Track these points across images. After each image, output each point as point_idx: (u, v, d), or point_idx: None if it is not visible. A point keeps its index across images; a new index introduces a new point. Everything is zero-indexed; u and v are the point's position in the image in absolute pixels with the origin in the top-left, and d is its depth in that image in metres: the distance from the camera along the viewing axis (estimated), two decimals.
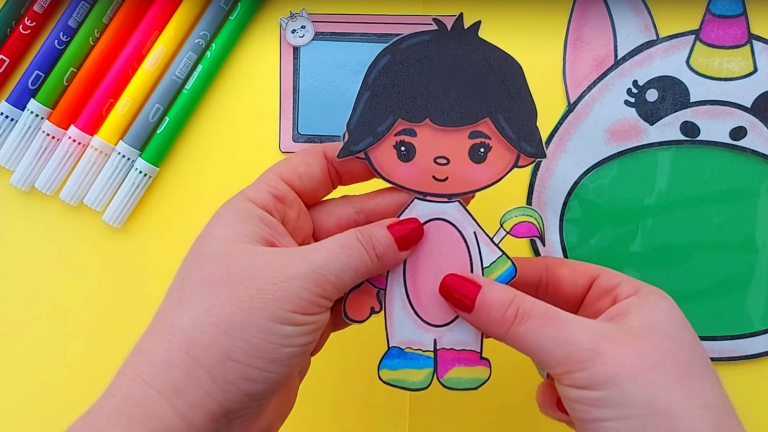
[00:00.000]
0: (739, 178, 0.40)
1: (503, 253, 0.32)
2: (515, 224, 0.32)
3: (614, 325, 0.28)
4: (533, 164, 0.31)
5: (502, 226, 0.32)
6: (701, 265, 0.41)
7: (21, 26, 0.42)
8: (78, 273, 0.43)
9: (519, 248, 0.42)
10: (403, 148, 0.31)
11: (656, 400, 0.25)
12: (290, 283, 0.26)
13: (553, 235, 0.41)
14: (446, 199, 0.31)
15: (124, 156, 0.42)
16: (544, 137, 0.42)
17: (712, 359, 0.41)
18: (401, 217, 0.31)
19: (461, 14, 0.30)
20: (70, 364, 0.43)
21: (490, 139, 0.31)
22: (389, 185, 0.32)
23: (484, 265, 0.32)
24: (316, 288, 0.27)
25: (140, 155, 0.42)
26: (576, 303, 0.32)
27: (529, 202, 0.41)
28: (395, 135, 0.31)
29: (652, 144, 0.40)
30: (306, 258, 0.27)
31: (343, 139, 0.31)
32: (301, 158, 0.31)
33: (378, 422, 0.42)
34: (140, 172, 0.41)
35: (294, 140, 0.42)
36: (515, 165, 0.31)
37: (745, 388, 0.41)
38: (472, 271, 0.32)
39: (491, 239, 0.32)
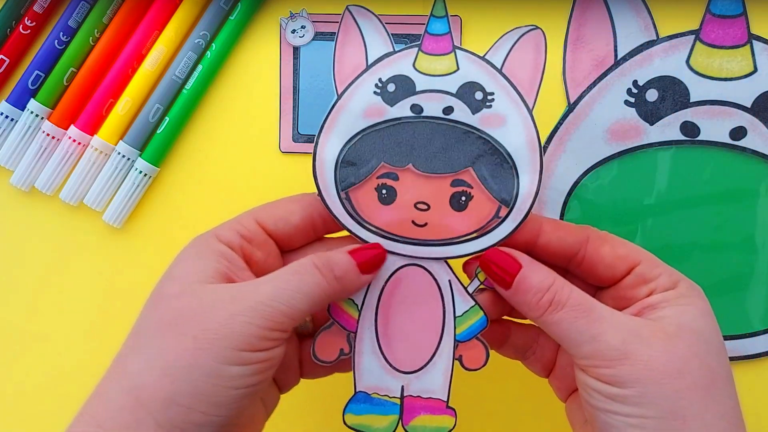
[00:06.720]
0: (739, 178, 0.40)
1: (476, 303, 0.32)
2: None
3: (647, 324, 0.27)
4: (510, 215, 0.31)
5: (476, 276, 0.32)
6: (701, 265, 0.41)
7: (21, 26, 0.42)
8: (78, 273, 0.43)
9: None
10: (384, 191, 0.31)
11: (676, 406, 0.25)
12: (235, 319, 0.26)
13: None
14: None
15: (124, 156, 0.42)
16: (544, 137, 0.42)
17: None
18: None
19: None
20: (69, 363, 0.43)
21: (472, 188, 0.31)
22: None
23: (457, 314, 0.32)
24: (265, 321, 0.26)
25: (140, 155, 0.42)
26: (609, 283, 0.31)
27: None
28: (377, 177, 0.31)
29: (652, 144, 0.40)
30: (255, 290, 0.27)
31: None
32: (284, 203, 0.31)
33: None
34: (140, 172, 0.41)
35: (294, 140, 0.42)
36: (495, 216, 0.31)
37: (745, 388, 0.41)
38: (444, 319, 0.32)
39: (465, 289, 0.32)
